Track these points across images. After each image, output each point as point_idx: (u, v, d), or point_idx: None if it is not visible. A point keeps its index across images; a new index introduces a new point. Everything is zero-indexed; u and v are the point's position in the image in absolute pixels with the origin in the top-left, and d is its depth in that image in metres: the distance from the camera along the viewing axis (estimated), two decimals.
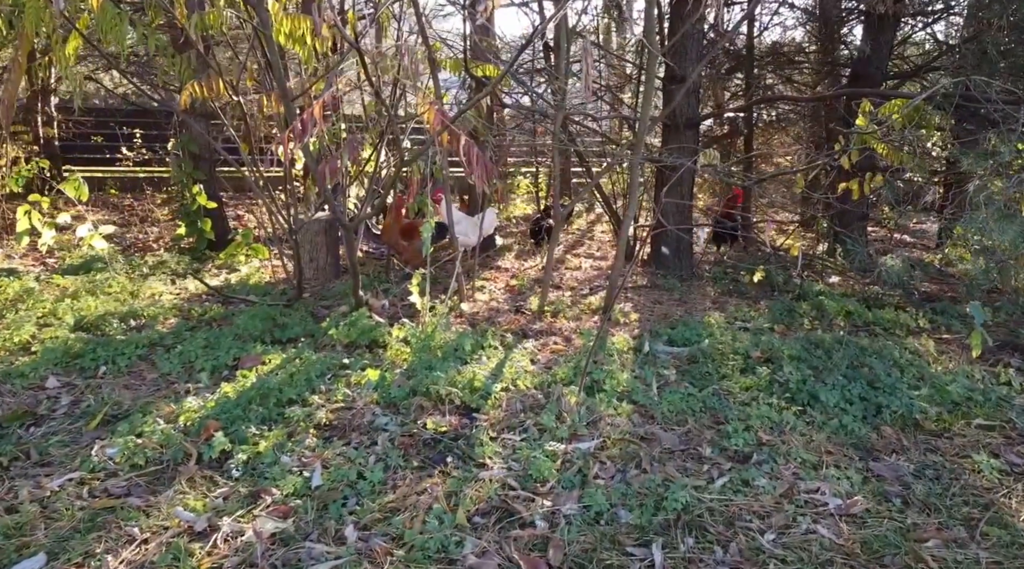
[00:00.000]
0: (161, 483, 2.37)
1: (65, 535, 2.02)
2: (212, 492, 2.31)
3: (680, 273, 6.84)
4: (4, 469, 2.38)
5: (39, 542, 1.98)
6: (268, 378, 3.26)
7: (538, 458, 2.57)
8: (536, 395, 3.30)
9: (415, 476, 2.46)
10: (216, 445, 2.55)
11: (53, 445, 2.59)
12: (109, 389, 3.19)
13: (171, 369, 3.53)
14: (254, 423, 2.79)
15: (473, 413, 3.07)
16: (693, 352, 4.06)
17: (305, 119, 2.86)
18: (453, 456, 2.62)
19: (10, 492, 2.25)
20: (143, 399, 3.10)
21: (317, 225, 6.73)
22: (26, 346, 3.75)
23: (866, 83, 7.96)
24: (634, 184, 4.97)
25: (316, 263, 6.64)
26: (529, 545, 2.05)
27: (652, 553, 1.98)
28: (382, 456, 2.57)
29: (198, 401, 3.01)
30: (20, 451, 2.50)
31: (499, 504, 2.29)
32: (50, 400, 3.05)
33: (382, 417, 2.90)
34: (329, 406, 3.07)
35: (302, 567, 1.89)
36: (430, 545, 2.00)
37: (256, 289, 5.71)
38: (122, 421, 2.82)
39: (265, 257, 7.53)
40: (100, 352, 3.63)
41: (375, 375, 3.38)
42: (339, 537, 2.06)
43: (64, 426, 2.79)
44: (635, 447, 2.74)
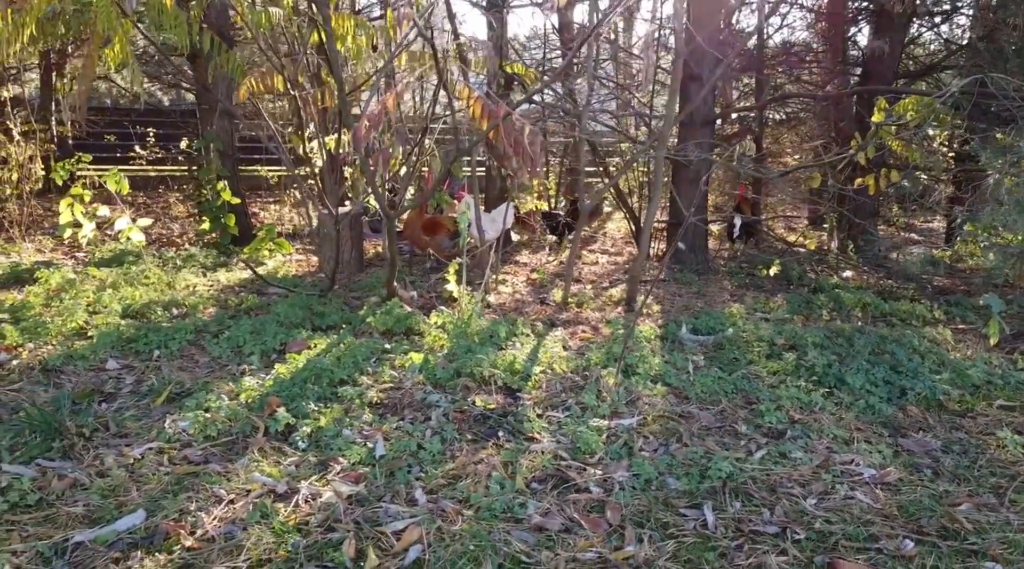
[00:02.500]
0: (234, 452, 2.52)
1: (156, 496, 2.17)
2: (283, 461, 2.46)
3: (696, 267, 6.97)
4: (87, 439, 2.54)
5: (135, 501, 2.13)
6: (317, 361, 3.41)
7: (584, 432, 2.72)
8: (573, 377, 3.45)
9: (470, 447, 2.61)
10: (281, 419, 2.70)
11: (127, 419, 2.74)
12: (167, 370, 3.35)
13: (221, 353, 3.69)
14: (311, 400, 2.94)
15: (516, 393, 3.22)
16: (719, 339, 4.21)
17: (378, 111, 3.01)
18: (503, 430, 2.76)
19: (96, 459, 2.41)
20: (201, 379, 3.25)
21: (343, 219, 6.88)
22: (80, 331, 3.91)
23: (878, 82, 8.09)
24: (658, 179, 5.12)
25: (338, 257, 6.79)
26: (587, 507, 2.19)
27: (704, 514, 2.13)
28: (437, 430, 2.72)
29: (255, 381, 3.17)
30: (99, 424, 2.65)
31: (553, 472, 2.44)
32: (114, 380, 3.20)
33: (433, 395, 3.05)
34: (378, 386, 3.22)
35: (381, 524, 2.04)
36: (496, 506, 2.15)
37: (287, 281, 5.86)
38: (186, 398, 2.98)
39: (289, 251, 7.68)
40: (152, 337, 3.78)
41: (419, 358, 3.53)
42: (410, 499, 2.21)
43: (132, 402, 2.94)
44: (674, 424, 2.89)
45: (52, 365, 3.34)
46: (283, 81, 3.98)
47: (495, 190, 9.34)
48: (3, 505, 2.08)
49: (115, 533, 1.95)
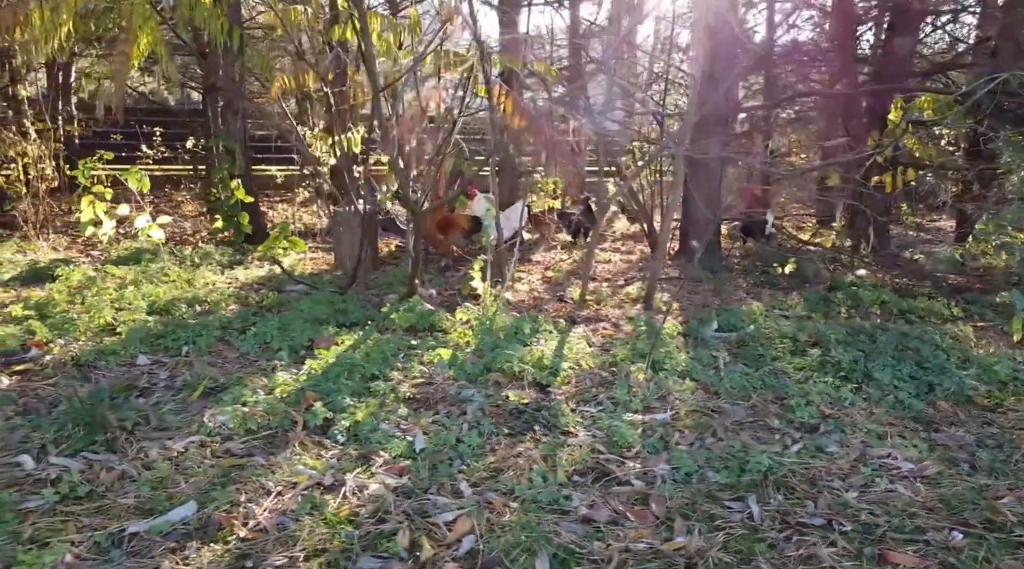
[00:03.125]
0: (275, 446, 2.54)
1: (205, 488, 2.19)
2: (324, 454, 2.48)
3: (710, 265, 6.99)
4: (129, 433, 2.56)
5: (184, 493, 2.15)
6: (348, 356, 3.43)
7: (620, 426, 2.74)
8: (601, 373, 3.46)
9: (508, 441, 2.62)
10: (319, 413, 2.72)
11: (166, 413, 2.76)
12: (199, 366, 3.36)
13: (249, 349, 3.71)
14: (346, 395, 2.96)
15: (546, 388, 3.24)
16: (741, 336, 4.22)
17: (422, 110, 3.03)
18: (539, 425, 2.78)
19: (140, 452, 2.43)
20: (234, 374, 3.27)
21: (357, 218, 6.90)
22: (108, 328, 3.93)
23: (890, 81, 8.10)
24: (679, 179, 5.14)
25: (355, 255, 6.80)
26: (631, 499, 2.21)
27: (749, 506, 2.14)
28: (474, 424, 2.74)
29: (288, 376, 3.19)
30: (140, 417, 2.67)
31: (592, 465, 2.45)
32: (148, 375, 3.23)
33: (467, 390, 3.08)
34: (409, 381, 3.24)
35: (430, 515, 2.06)
36: (541, 498, 2.17)
37: (306, 279, 5.88)
38: (221, 393, 3.00)
39: (302, 249, 7.69)
40: (180, 333, 3.80)
41: (447, 354, 3.55)
42: (455, 491, 2.22)
43: (168, 397, 2.96)
44: (707, 419, 2.90)
45: (84, 360, 3.36)
46: (315, 79, 4.00)
47: (507, 189, 9.37)
48: (54, 496, 2.10)
49: (169, 524, 1.97)
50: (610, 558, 1.84)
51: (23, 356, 3.46)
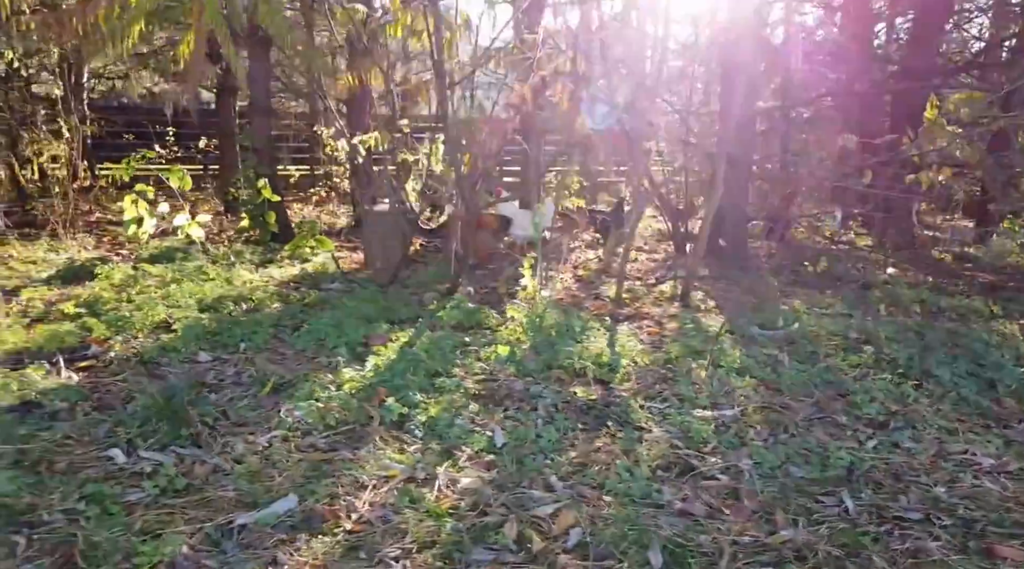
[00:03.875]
0: (356, 441, 2.56)
1: (299, 481, 2.21)
2: (407, 448, 2.50)
3: (739, 264, 6.99)
4: (211, 427, 2.58)
5: (280, 486, 2.17)
6: (408, 353, 3.45)
7: (692, 422, 2.76)
8: (658, 370, 3.48)
9: (585, 437, 2.64)
10: (394, 409, 2.74)
11: (242, 409, 2.78)
12: (261, 363, 3.38)
13: (304, 346, 3.73)
14: (415, 391, 2.98)
15: (607, 384, 3.26)
16: (788, 334, 4.23)
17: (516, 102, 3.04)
18: (611, 420, 2.80)
19: (226, 446, 2.45)
20: (299, 371, 3.29)
21: (389, 217, 6.92)
22: (162, 325, 3.95)
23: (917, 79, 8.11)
24: (718, 176, 5.14)
25: (387, 253, 6.82)
26: (721, 494, 2.23)
27: (843, 501, 2.16)
28: (548, 420, 2.76)
29: (353, 372, 3.21)
30: (219, 413, 2.69)
31: (674, 460, 2.47)
32: (213, 371, 3.25)
33: (534, 386, 3.09)
34: (472, 377, 3.26)
35: (528, 508, 2.08)
36: (633, 492, 2.19)
37: (340, 277, 5.89)
38: (290, 389, 3.02)
39: (329, 248, 7.70)
40: (236, 331, 3.83)
41: (505, 351, 3.57)
42: (547, 485, 2.24)
43: (238, 393, 2.98)
44: (776, 415, 2.92)
45: (148, 357, 3.38)
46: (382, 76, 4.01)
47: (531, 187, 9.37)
48: (153, 489, 2.12)
49: (275, 516, 1.99)
50: (721, 551, 1.86)
51: (85, 353, 3.48)
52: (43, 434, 2.46)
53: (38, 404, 2.73)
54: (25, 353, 3.43)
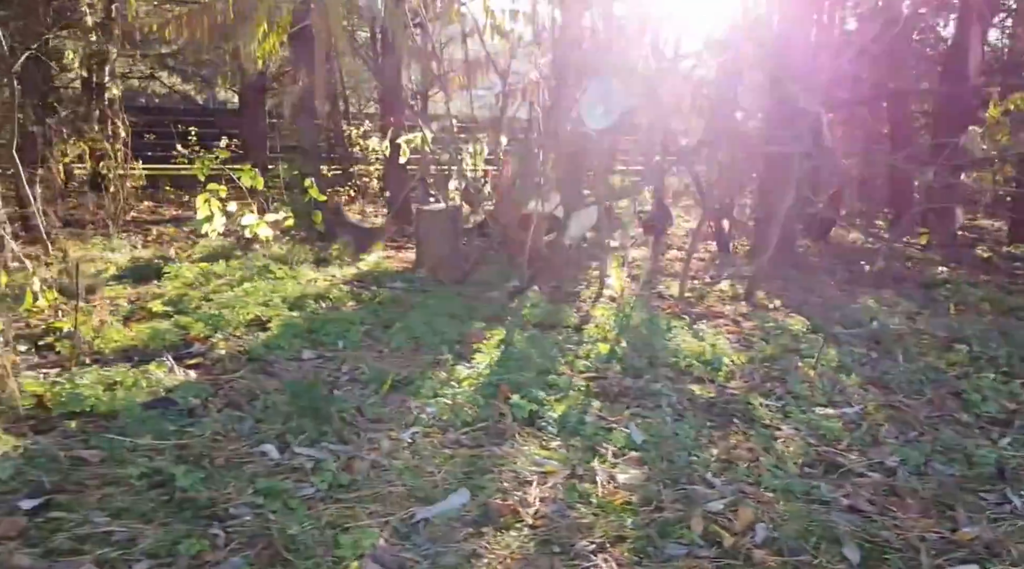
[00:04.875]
0: (495, 436, 2.57)
1: (459, 476, 2.23)
2: (549, 445, 2.52)
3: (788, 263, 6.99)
4: (350, 424, 2.60)
5: (445, 482, 2.19)
6: (512, 351, 3.47)
7: (818, 420, 2.77)
8: (760, 368, 3.49)
9: (719, 434, 2.66)
10: (524, 406, 2.76)
11: (373, 406, 2.80)
12: (368, 360, 3.41)
13: (400, 344, 3.74)
14: (533, 388, 3.00)
15: (714, 382, 3.27)
16: (872, 333, 4.25)
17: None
18: (736, 418, 2.82)
19: (371, 442, 2.47)
20: (409, 368, 3.30)
21: (442, 217, 6.94)
22: (255, 323, 3.98)
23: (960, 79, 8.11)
24: (792, 174, 5.15)
25: (439, 252, 6.83)
26: (879, 490, 2.24)
27: (1010, 498, 2.17)
28: (678, 417, 2.78)
29: (465, 370, 3.23)
30: (354, 410, 2.71)
31: (816, 457, 2.49)
32: (327, 370, 3.27)
33: (652, 384, 3.11)
34: (578, 375, 3.28)
35: (698, 504, 2.09)
36: (794, 488, 2.20)
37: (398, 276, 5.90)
38: (407, 386, 3.04)
39: (378, 248, 7.72)
40: (330, 329, 3.85)
41: (605, 348, 3.59)
42: (705, 482, 2.26)
43: (357, 390, 3.00)
44: (897, 413, 2.93)
45: (255, 355, 3.40)
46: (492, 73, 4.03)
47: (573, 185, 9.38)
48: (322, 484, 2.14)
49: (453, 510, 2.01)
50: (914, 548, 1.87)
51: (189, 351, 3.51)
52: (191, 430, 2.48)
53: (172, 401, 2.76)
54: (132, 351, 3.46)
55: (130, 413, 2.57)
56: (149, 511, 1.96)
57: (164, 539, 1.83)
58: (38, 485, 2.06)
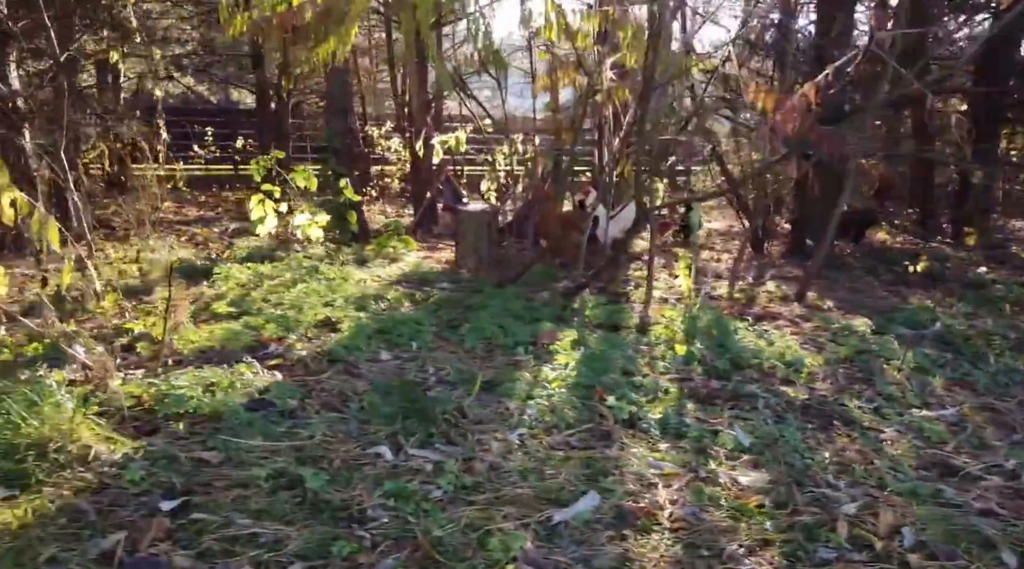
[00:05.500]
0: (600, 438, 2.56)
1: (580, 477, 2.22)
2: (659, 446, 2.51)
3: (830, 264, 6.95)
4: (454, 425, 2.59)
5: (569, 483, 2.18)
6: (590, 353, 3.46)
7: (918, 422, 2.76)
8: (841, 369, 3.48)
9: (823, 436, 2.64)
10: (623, 408, 2.75)
11: (471, 407, 2.79)
12: (449, 361, 3.40)
13: (473, 344, 3.73)
14: (625, 389, 2.99)
15: (799, 384, 3.26)
16: (936, 334, 4.22)
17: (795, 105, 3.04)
18: (836, 420, 2.80)
19: (480, 444, 2.46)
20: (493, 369, 3.29)
21: (481, 217, 6.93)
22: (324, 323, 3.97)
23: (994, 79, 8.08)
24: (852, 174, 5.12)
25: (479, 253, 6.82)
26: (1005, 494, 2.23)
27: None
28: (778, 419, 2.76)
29: (551, 371, 3.22)
30: (455, 411, 2.70)
31: (928, 460, 2.47)
32: (411, 370, 3.25)
33: (745, 386, 3.10)
34: (662, 376, 3.27)
35: (827, 506, 2.08)
36: (920, 491, 2.19)
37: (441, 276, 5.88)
38: (496, 387, 3.02)
39: (413, 248, 7.70)
40: (402, 329, 3.84)
41: (682, 350, 3.57)
42: (828, 483, 2.24)
43: (446, 392, 2.98)
44: (995, 414, 2.92)
45: (336, 356, 3.39)
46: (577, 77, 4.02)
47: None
48: (448, 486, 2.13)
49: (588, 512, 2.00)
50: None
51: (267, 352, 3.50)
52: (299, 432, 2.47)
53: (270, 402, 2.75)
54: (210, 352, 3.46)
55: (234, 414, 2.57)
56: (287, 513, 1.95)
57: (311, 541, 1.82)
58: (169, 486, 2.05)
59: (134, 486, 2.04)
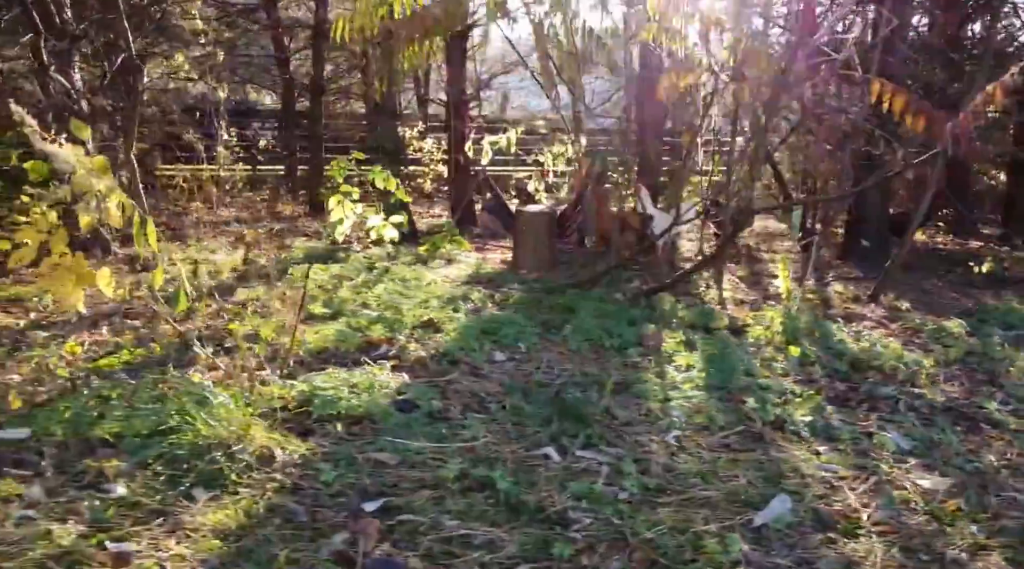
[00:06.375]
0: (754, 440, 2.55)
1: (756, 478, 2.21)
2: (815, 449, 2.49)
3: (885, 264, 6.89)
4: (609, 428, 2.58)
5: (752, 486, 2.16)
6: (707, 356, 3.45)
7: None
8: (957, 371, 3.46)
9: (977, 438, 2.63)
10: (768, 411, 2.74)
11: (616, 408, 2.78)
12: (564, 362, 3.39)
13: (578, 346, 3.72)
14: (760, 392, 2.97)
15: (920, 386, 3.24)
16: None
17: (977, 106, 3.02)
18: (983, 422, 2.78)
19: (639, 446, 2.45)
20: (608, 370, 3.28)
21: (542, 218, 6.92)
22: (425, 324, 3.97)
23: None
24: (936, 174, 5.09)
25: (538, 253, 6.81)
26: None
27: None
28: (927, 422, 2.75)
29: (676, 374, 3.22)
30: (602, 413, 2.69)
31: None
32: (536, 372, 3.24)
33: (879, 387, 3.09)
34: (784, 378, 3.26)
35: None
36: None
37: (507, 277, 5.87)
38: (627, 388, 3.01)
39: (467, 248, 7.67)
40: (506, 331, 3.83)
41: (796, 351, 3.56)
42: (1012, 487, 2.23)
43: (582, 393, 2.97)
44: None
45: (454, 357, 3.38)
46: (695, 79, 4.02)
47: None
48: (632, 488, 2.12)
49: (786, 515, 1.99)
50: None
51: (381, 353, 3.49)
52: (461, 433, 2.47)
53: (413, 403, 2.74)
54: (326, 353, 3.46)
55: (386, 416, 2.56)
56: (486, 514, 1.94)
57: (526, 543, 1.81)
58: (361, 488, 2.05)
59: (327, 487, 2.04)
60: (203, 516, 1.82)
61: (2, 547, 1.61)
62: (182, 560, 1.64)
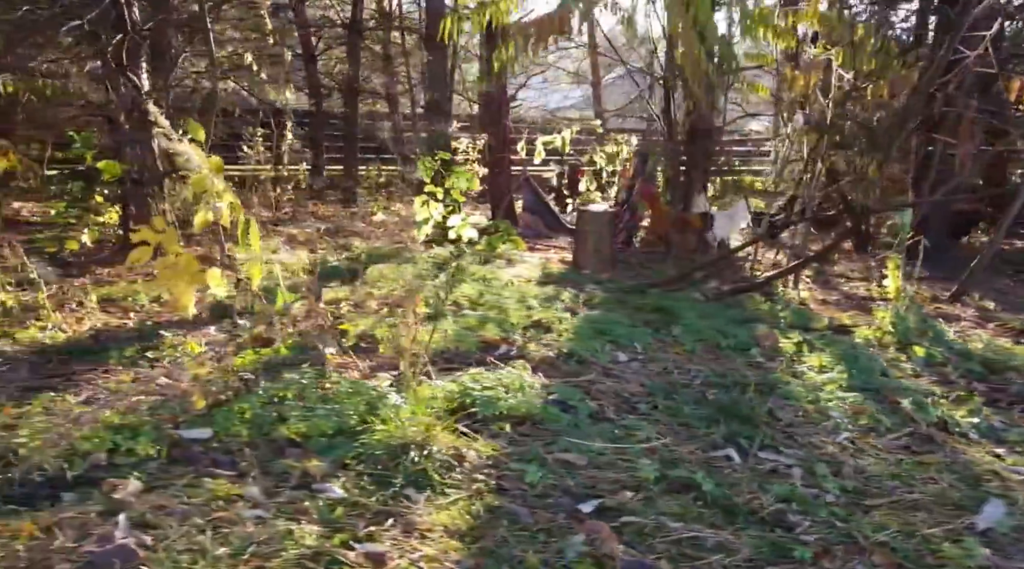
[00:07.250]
0: (923, 441, 2.51)
1: (960, 483, 2.17)
2: (993, 451, 2.45)
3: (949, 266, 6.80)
4: (776, 429, 2.54)
5: (956, 489, 2.13)
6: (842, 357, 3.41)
7: None
8: None
9: None
10: (930, 411, 2.71)
11: (773, 409, 2.74)
12: (680, 362, 3.36)
13: (693, 347, 3.68)
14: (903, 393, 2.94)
15: None
16: None
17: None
18: None
19: (806, 447, 2.41)
20: (738, 370, 3.25)
21: (604, 217, 6.88)
22: (535, 324, 3.93)
23: None
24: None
25: (599, 253, 6.77)
26: None
27: None
28: None
29: (812, 373, 3.18)
30: (765, 414, 2.65)
31: None
32: (678, 373, 3.21)
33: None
34: (917, 378, 3.22)
35: None
36: None
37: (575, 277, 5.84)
38: (773, 390, 2.97)
39: (523, 248, 7.63)
40: (620, 331, 3.80)
41: (922, 351, 3.53)
42: None
43: (725, 394, 2.93)
44: None
45: (581, 358, 3.34)
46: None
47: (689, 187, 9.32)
48: (835, 490, 2.08)
49: (1004, 519, 1.94)
50: None
51: (501, 353, 3.46)
52: (634, 434, 2.44)
53: (565, 404, 2.71)
54: (446, 353, 3.43)
55: (550, 416, 2.53)
56: (705, 517, 1.91)
57: (761, 545, 1.77)
58: (565, 489, 2.02)
59: (532, 489, 2.01)
60: (430, 516, 1.79)
61: (253, 547, 1.58)
62: (434, 561, 1.61)
